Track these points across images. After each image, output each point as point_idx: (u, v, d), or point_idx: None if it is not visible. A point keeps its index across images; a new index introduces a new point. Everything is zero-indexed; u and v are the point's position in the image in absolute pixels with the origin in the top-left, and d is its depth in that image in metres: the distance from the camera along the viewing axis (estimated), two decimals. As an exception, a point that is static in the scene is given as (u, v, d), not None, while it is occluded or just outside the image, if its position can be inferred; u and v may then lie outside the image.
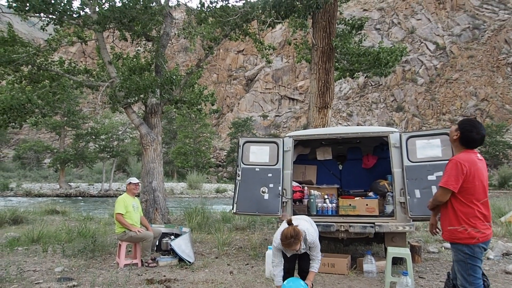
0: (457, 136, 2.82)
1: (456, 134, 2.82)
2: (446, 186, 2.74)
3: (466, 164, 2.71)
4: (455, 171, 2.70)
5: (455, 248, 2.80)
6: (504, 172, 37.31)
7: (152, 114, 9.68)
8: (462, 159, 2.73)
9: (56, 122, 30.62)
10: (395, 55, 9.36)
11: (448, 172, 2.74)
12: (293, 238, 3.26)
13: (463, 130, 2.80)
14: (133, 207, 5.57)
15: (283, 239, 3.31)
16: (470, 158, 2.75)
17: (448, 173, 2.73)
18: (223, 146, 54.28)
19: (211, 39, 9.51)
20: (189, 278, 4.71)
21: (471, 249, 2.70)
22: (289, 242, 3.27)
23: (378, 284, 4.52)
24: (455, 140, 2.86)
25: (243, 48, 68.20)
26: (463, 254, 2.72)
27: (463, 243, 2.72)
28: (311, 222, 3.76)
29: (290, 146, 5.56)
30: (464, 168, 2.69)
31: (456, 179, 2.69)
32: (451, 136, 2.89)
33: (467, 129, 2.79)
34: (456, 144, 2.87)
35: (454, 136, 2.85)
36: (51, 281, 4.55)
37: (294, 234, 3.27)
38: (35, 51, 8.81)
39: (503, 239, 6.79)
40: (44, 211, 12.51)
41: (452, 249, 2.85)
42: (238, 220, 9.16)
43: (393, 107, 58.75)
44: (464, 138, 2.80)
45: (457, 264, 2.77)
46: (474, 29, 62.75)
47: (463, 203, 2.74)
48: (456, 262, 2.78)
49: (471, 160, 2.74)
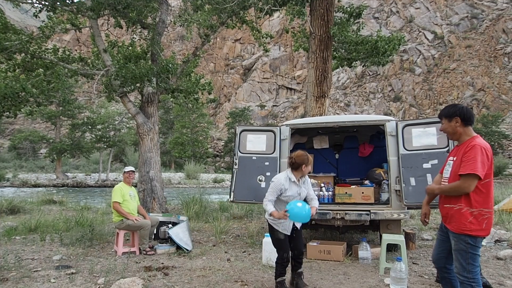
0: (459, 123, 2.69)
1: (456, 121, 2.70)
2: (476, 172, 2.49)
3: (489, 150, 2.60)
4: (481, 157, 2.52)
5: (458, 238, 2.66)
6: (499, 161, 37.58)
7: (148, 103, 9.62)
8: (485, 144, 2.60)
9: (52, 111, 30.37)
10: (393, 44, 9.31)
11: (473, 158, 2.53)
12: (306, 155, 3.64)
13: (459, 113, 2.69)
14: (130, 196, 5.58)
15: (299, 155, 3.63)
16: (489, 144, 2.66)
17: (475, 159, 2.52)
18: (220, 136, 54.24)
19: (207, 27, 9.40)
20: (187, 266, 4.76)
21: (474, 240, 2.61)
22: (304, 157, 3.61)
23: (372, 270, 4.59)
24: (457, 128, 2.71)
25: (240, 37, 67.55)
26: (465, 244, 2.62)
27: (472, 235, 2.59)
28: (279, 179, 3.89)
29: (287, 135, 5.57)
30: (489, 154, 2.57)
31: (483, 165, 2.52)
32: (451, 128, 2.73)
33: (459, 109, 2.71)
34: (461, 129, 2.70)
35: (456, 126, 2.71)
36: (50, 269, 4.59)
37: (304, 152, 3.66)
38: (28, 39, 8.67)
39: (496, 227, 6.90)
40: (41, 201, 12.52)
41: (454, 238, 2.69)
42: (236, 209, 9.22)
43: (391, 97, 58.77)
44: (465, 116, 2.68)
45: (457, 253, 2.66)
46: (472, 18, 62.45)
47: (480, 192, 2.57)
48: (457, 251, 2.67)
49: (490, 147, 2.66)
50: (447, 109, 2.79)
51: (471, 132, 2.73)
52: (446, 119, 2.76)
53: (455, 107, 2.75)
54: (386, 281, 4.07)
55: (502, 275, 4.33)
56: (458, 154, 2.70)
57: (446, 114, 2.76)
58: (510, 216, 7.45)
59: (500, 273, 4.38)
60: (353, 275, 4.35)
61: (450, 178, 2.73)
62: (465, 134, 2.72)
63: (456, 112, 2.72)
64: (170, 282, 4.05)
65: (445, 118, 2.77)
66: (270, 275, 4.35)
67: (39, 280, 4.15)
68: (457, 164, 2.67)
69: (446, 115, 2.76)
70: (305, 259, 5.13)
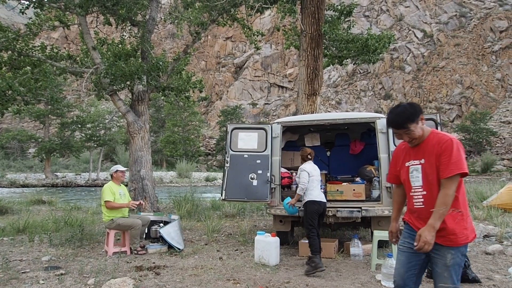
0: (423, 120, 2.30)
1: (421, 119, 2.29)
2: (464, 170, 2.12)
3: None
4: (462, 152, 2.18)
5: (456, 252, 2.16)
6: (487, 158, 38.34)
7: (139, 102, 9.52)
8: (452, 136, 2.26)
9: (40, 110, 29.84)
10: (383, 42, 9.39)
11: (456, 155, 2.13)
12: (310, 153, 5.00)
13: (420, 109, 2.32)
14: (120, 194, 5.52)
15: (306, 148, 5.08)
16: None
17: (459, 155, 2.14)
18: (212, 134, 54.05)
19: (198, 24, 9.33)
20: (179, 265, 4.73)
21: (466, 247, 2.23)
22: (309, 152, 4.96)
23: (364, 266, 4.63)
24: (424, 127, 2.31)
25: (232, 35, 67.33)
26: (461, 257, 2.18)
27: (466, 243, 2.18)
28: (315, 168, 4.84)
29: (279, 133, 5.57)
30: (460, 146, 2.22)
31: (465, 161, 2.17)
32: (420, 130, 2.27)
33: (416, 106, 2.33)
34: (422, 124, 2.28)
35: (422, 126, 2.30)
36: (38, 270, 4.51)
37: (302, 149, 5.11)
38: (15, 36, 8.49)
39: (484, 222, 7.02)
40: (30, 201, 12.31)
41: (450, 253, 2.16)
42: (228, 208, 9.20)
43: (381, 95, 59.30)
44: (422, 111, 2.34)
45: (451, 269, 2.15)
46: (461, 17, 63.32)
47: (460, 189, 2.19)
48: (452, 267, 2.15)
49: None
50: (406, 112, 2.27)
51: (427, 128, 2.34)
52: (413, 124, 2.24)
53: (411, 106, 2.31)
54: (377, 277, 4.10)
55: (490, 269, 4.40)
56: (427, 154, 2.24)
57: (410, 118, 2.24)
58: (498, 212, 7.58)
59: (488, 268, 4.46)
60: (344, 272, 4.37)
61: (425, 185, 2.24)
62: (426, 131, 2.31)
63: (417, 110, 2.29)
64: (162, 282, 4.02)
65: (410, 123, 2.24)
66: (263, 273, 4.36)
67: (28, 281, 4.07)
68: (430, 166, 2.21)
69: (410, 120, 2.24)
70: (297, 256, 5.15)
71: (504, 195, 8.53)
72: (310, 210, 4.60)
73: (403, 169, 2.37)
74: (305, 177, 4.66)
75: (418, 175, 2.27)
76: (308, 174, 4.67)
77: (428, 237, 2.08)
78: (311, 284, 3.92)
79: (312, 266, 4.25)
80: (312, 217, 4.58)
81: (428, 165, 2.22)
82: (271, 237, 4.79)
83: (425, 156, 2.25)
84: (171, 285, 3.92)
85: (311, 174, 4.71)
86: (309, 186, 4.66)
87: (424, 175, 2.24)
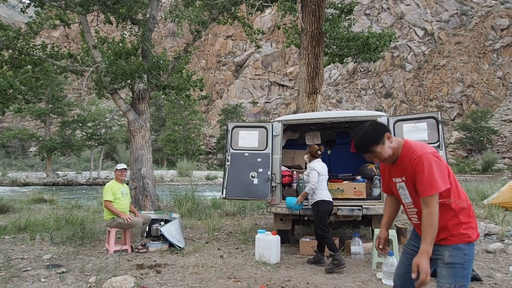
0: (391, 137, 2.15)
1: (389, 138, 2.14)
2: (438, 190, 1.97)
3: (431, 149, 2.08)
4: (435, 166, 2.01)
5: (451, 250, 2.05)
6: (488, 157, 38.27)
7: (139, 100, 9.52)
8: (423, 147, 2.09)
9: (41, 109, 29.86)
10: (384, 40, 9.36)
11: (428, 172, 1.98)
12: (308, 147, 4.96)
13: (385, 128, 2.18)
14: (122, 193, 5.52)
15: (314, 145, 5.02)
16: (419, 142, 2.20)
17: (430, 173, 1.98)
18: (213, 133, 54.05)
19: (198, 23, 9.31)
20: (180, 263, 4.73)
21: (471, 247, 2.07)
22: (318, 148, 4.91)
23: (365, 265, 4.63)
24: (393, 145, 2.15)
25: (232, 33, 67.23)
26: (463, 256, 2.04)
27: (467, 242, 2.06)
28: (324, 167, 4.81)
29: (279, 131, 5.56)
30: (436, 154, 2.07)
31: (441, 173, 2.01)
32: (388, 149, 2.12)
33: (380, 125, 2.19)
34: (394, 144, 2.14)
35: (391, 144, 2.15)
36: (40, 268, 4.52)
37: (310, 145, 5.05)
38: (15, 35, 8.49)
39: (485, 221, 7.01)
40: (31, 200, 12.34)
41: (446, 251, 2.06)
42: (228, 206, 9.21)
43: (382, 93, 59.19)
44: (388, 128, 2.22)
45: (449, 268, 2.04)
46: (462, 15, 63.10)
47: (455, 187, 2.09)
48: (450, 265, 2.04)
49: (424, 144, 2.19)
50: (368, 136, 2.10)
51: (399, 141, 2.14)
52: (378, 146, 2.08)
53: (373, 128, 2.12)
54: (378, 275, 4.10)
55: (491, 268, 4.41)
56: (404, 172, 2.11)
57: (374, 141, 2.08)
58: (499, 210, 7.58)
59: (489, 266, 4.46)
60: (345, 270, 4.37)
61: (414, 202, 2.15)
62: (398, 147, 2.12)
63: (382, 129, 2.12)
64: (163, 280, 4.03)
65: (374, 146, 2.08)
66: (263, 271, 4.36)
67: (29, 279, 4.08)
68: (412, 184, 2.08)
69: (374, 142, 2.08)
70: (298, 254, 5.16)
71: (506, 193, 8.52)
72: (322, 210, 4.59)
73: (391, 183, 2.27)
74: (315, 177, 4.62)
75: (405, 192, 2.18)
76: (318, 174, 4.64)
77: (426, 265, 1.94)
78: (311, 283, 3.92)
79: (335, 264, 4.29)
80: (324, 216, 4.59)
81: (410, 183, 2.10)
82: (271, 236, 4.80)
83: (404, 173, 2.12)
84: (172, 283, 3.92)
85: (321, 173, 4.68)
86: (319, 186, 4.65)
87: (411, 192, 2.14)
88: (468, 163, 41.45)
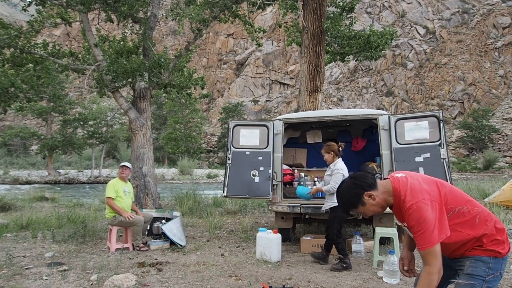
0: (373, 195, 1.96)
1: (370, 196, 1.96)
2: (434, 245, 1.78)
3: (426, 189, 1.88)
4: (431, 215, 1.80)
5: (473, 261, 1.88)
6: (489, 155, 38.19)
7: (140, 99, 9.53)
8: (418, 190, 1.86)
9: (42, 107, 29.89)
10: (385, 38, 9.34)
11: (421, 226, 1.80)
12: (327, 145, 4.67)
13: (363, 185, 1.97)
14: (124, 192, 5.53)
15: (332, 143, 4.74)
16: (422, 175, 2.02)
17: (423, 226, 1.80)
18: (214, 131, 54.05)
19: (200, 21, 9.30)
20: (181, 261, 4.75)
21: (500, 262, 1.86)
22: (325, 146, 4.70)
23: (366, 263, 4.64)
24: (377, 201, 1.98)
25: (233, 32, 67.13)
26: (485, 268, 1.85)
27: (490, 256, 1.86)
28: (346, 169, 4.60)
29: (280, 129, 5.56)
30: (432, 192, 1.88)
31: (440, 222, 1.82)
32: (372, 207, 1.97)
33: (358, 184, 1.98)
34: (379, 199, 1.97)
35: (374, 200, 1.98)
36: (42, 266, 4.54)
37: (330, 143, 4.72)
38: (17, 33, 8.50)
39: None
40: (33, 198, 12.38)
41: (467, 262, 1.90)
42: (230, 204, 9.22)
43: (383, 92, 59.06)
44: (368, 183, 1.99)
45: (468, 278, 1.87)
46: (463, 13, 62.86)
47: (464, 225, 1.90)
48: (468, 276, 1.87)
49: (424, 177, 2.00)
50: (345, 200, 2.00)
51: (387, 188, 1.95)
52: (357, 207, 1.97)
53: (348, 191, 1.98)
54: (379, 274, 4.11)
55: (492, 266, 4.40)
56: (403, 219, 1.94)
57: (351, 205, 1.98)
58: (500, 209, 7.57)
59: (490, 264, 4.45)
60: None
61: None
62: (388, 195, 1.95)
63: (359, 191, 1.94)
64: (164, 278, 4.04)
65: (354, 209, 1.99)
66: (264, 269, 4.37)
67: (31, 277, 4.10)
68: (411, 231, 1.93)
69: (353, 206, 1.97)
70: (298, 253, 5.17)
71: (507, 192, 8.51)
72: (342, 215, 4.37)
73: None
74: (340, 180, 4.35)
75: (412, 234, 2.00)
76: (343, 177, 4.45)
77: None
78: (312, 281, 3.93)
79: (343, 267, 4.29)
80: (341, 222, 4.48)
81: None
82: (272, 234, 4.80)
83: (403, 220, 1.95)
84: (173, 281, 3.94)
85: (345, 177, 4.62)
86: None
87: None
88: (469, 161, 41.40)
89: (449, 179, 4.67)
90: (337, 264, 4.35)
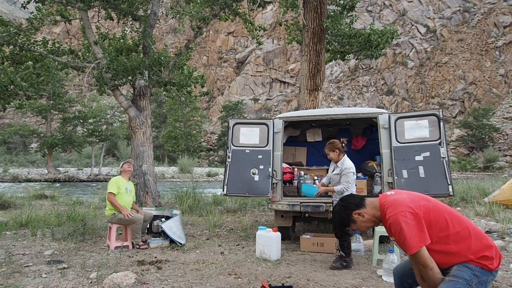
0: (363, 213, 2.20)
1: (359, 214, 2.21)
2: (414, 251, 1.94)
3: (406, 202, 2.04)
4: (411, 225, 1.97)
5: (461, 266, 2.00)
6: (489, 154, 38.21)
7: (140, 97, 9.51)
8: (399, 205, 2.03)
9: (42, 105, 29.87)
10: (386, 37, 9.32)
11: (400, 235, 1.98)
12: (330, 143, 4.54)
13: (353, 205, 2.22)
14: (126, 189, 5.53)
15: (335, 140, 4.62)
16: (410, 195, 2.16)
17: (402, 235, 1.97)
18: (214, 130, 54.02)
19: (200, 19, 9.28)
20: (180, 259, 4.75)
21: (487, 274, 1.97)
22: (328, 144, 4.57)
23: (365, 262, 4.64)
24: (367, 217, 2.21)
25: (234, 30, 67.01)
26: (470, 274, 1.95)
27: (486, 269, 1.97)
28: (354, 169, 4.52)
29: (280, 128, 5.55)
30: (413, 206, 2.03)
31: (418, 230, 1.97)
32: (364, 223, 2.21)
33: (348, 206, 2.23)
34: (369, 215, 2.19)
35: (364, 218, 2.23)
36: (41, 264, 4.54)
37: (333, 141, 4.57)
38: (16, 31, 8.48)
39: (486, 218, 7.01)
40: (32, 196, 12.38)
41: (454, 266, 2.03)
42: (229, 203, 9.22)
43: (384, 91, 59.00)
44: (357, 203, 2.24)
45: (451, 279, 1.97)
46: (464, 12, 62.72)
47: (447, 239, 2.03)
48: (452, 277, 1.97)
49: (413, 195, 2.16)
50: (337, 220, 2.25)
51: (375, 204, 2.16)
52: (349, 226, 2.21)
53: (339, 213, 2.23)
54: (378, 272, 4.11)
55: (491, 265, 4.40)
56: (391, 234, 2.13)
57: (343, 224, 2.22)
58: (500, 208, 7.57)
59: (489, 263, 4.45)
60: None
61: None
62: (376, 210, 2.16)
63: (348, 212, 2.17)
64: (164, 276, 4.04)
65: (346, 227, 2.25)
66: (264, 267, 4.37)
67: (30, 275, 4.10)
68: None
69: (344, 225, 2.21)
70: (298, 251, 5.17)
71: (506, 191, 8.50)
72: None
73: None
74: (352, 179, 4.39)
75: None
76: (353, 175, 4.43)
77: None
78: (312, 279, 3.93)
79: (343, 265, 4.28)
80: None
81: None
82: (272, 232, 4.80)
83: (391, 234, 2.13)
84: (173, 280, 3.93)
85: (355, 175, 4.49)
86: (351, 188, 4.43)
87: None
88: (470, 160, 41.39)
89: (448, 178, 4.66)
90: (337, 263, 4.34)
